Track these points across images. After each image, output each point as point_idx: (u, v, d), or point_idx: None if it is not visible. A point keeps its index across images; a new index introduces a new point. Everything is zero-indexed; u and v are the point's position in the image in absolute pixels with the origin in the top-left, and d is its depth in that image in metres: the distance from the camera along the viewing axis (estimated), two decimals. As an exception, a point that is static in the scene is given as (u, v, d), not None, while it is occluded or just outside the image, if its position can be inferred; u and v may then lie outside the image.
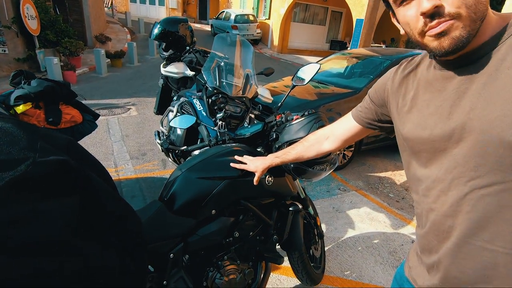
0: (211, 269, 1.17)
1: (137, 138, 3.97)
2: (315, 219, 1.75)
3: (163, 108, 2.89)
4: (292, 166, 1.21)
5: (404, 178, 3.47)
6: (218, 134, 1.49)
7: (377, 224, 2.54)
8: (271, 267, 1.44)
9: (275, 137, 1.30)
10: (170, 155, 2.29)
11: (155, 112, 3.16)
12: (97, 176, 0.76)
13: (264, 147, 1.46)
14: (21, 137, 0.66)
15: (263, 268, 1.40)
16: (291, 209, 1.39)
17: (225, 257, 1.20)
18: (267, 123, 1.41)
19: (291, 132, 1.21)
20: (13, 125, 0.67)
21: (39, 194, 0.63)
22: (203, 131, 1.85)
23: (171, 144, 2.17)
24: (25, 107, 1.80)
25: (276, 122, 1.35)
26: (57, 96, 2.05)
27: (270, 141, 1.34)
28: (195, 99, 2.03)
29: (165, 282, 1.06)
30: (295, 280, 1.85)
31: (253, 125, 1.45)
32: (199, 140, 2.00)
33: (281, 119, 1.33)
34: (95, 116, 2.21)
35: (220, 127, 1.57)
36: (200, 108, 1.95)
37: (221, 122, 1.58)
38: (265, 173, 1.27)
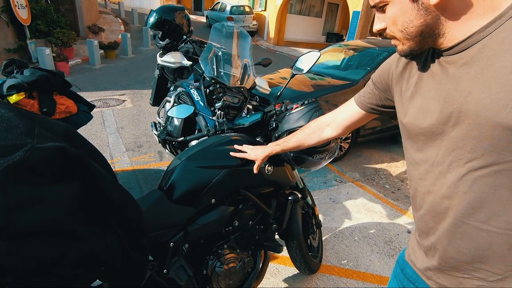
0: (211, 257, 1.17)
1: (132, 130, 3.93)
2: (313, 209, 1.76)
3: (160, 99, 2.86)
4: (292, 155, 1.21)
5: (400, 170, 3.51)
6: (217, 123, 1.48)
7: (373, 215, 2.57)
8: (270, 256, 1.45)
9: (274, 126, 1.30)
10: (167, 146, 2.28)
11: (151, 103, 3.12)
12: (97, 164, 0.75)
13: (263, 137, 1.45)
14: (18, 123, 0.64)
15: (262, 257, 1.41)
16: (290, 198, 1.39)
17: (225, 245, 1.21)
18: (266, 113, 1.40)
19: (291, 121, 1.21)
20: (9, 111, 0.65)
21: (38, 180, 0.62)
22: (201, 121, 1.84)
23: (168, 135, 2.16)
24: (18, 97, 1.77)
25: (276, 111, 1.34)
26: (51, 85, 2.01)
27: (270, 130, 1.33)
28: (192, 89, 2.01)
29: (165, 271, 1.06)
30: (293, 269, 1.87)
31: (252, 115, 1.44)
32: (196, 131, 1.99)
33: (281, 108, 1.32)
34: (90, 106, 2.18)
35: (218, 116, 1.56)
36: (197, 98, 1.93)
37: (219, 111, 1.57)
38: (265, 162, 1.26)
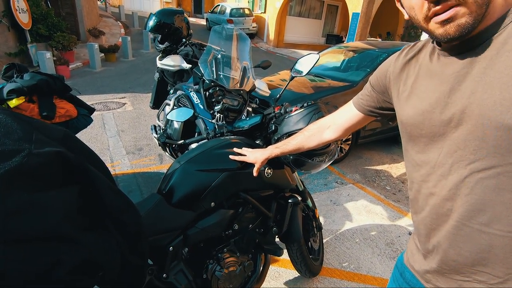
0: (210, 261, 1.16)
1: (133, 133, 3.93)
2: (313, 211, 1.75)
3: (159, 102, 2.86)
4: (292, 158, 1.20)
5: (401, 171, 3.50)
6: (216, 126, 1.48)
7: (374, 216, 2.55)
8: (270, 259, 1.44)
9: (274, 128, 1.29)
10: (167, 149, 2.28)
11: (151, 106, 3.13)
12: (95, 168, 0.75)
13: (263, 139, 1.45)
14: (15, 128, 0.64)
15: (263, 260, 1.41)
16: (290, 201, 1.39)
17: (225, 249, 1.20)
18: (266, 115, 1.40)
19: (291, 124, 1.20)
20: (7, 116, 0.65)
21: (35, 185, 0.62)
22: (200, 124, 1.84)
23: (168, 138, 2.16)
24: (18, 101, 1.77)
25: (275, 114, 1.34)
26: (51, 89, 2.01)
27: (269, 133, 1.33)
28: (192, 92, 2.01)
29: (164, 275, 1.05)
30: (294, 272, 1.86)
31: (251, 118, 1.44)
32: (196, 134, 1.98)
33: (280, 111, 1.32)
34: (90, 110, 2.18)
35: (218, 119, 1.56)
36: (197, 101, 1.93)
37: (219, 114, 1.57)
38: (264, 164, 1.26)
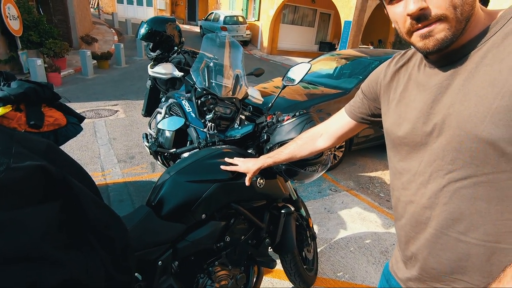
0: (201, 275, 1.13)
1: (125, 141, 3.88)
2: (307, 220, 1.73)
3: (151, 110, 2.83)
4: (284, 167, 1.19)
5: (394, 178, 3.51)
6: (208, 136, 1.46)
7: (368, 224, 2.54)
8: (263, 271, 1.41)
9: (266, 138, 1.28)
10: (158, 158, 2.24)
11: (143, 114, 3.09)
12: (79, 182, 0.72)
13: (255, 148, 1.43)
14: (-6, 140, 0.61)
15: (256, 273, 1.37)
16: (283, 211, 1.36)
17: (216, 262, 1.17)
18: (258, 124, 1.39)
19: (283, 133, 1.19)
20: (-16, 130, 0.62)
21: (13, 201, 0.59)
22: (192, 133, 1.81)
23: (160, 147, 2.12)
24: (4, 109, 1.73)
25: (267, 123, 1.33)
26: (39, 98, 1.97)
27: (261, 142, 1.31)
28: (184, 100, 1.99)
29: (153, 291, 1.02)
30: (288, 283, 1.83)
31: (243, 127, 1.43)
32: (188, 142, 1.96)
33: (272, 120, 1.31)
34: (80, 118, 2.14)
35: (209, 128, 1.54)
36: (189, 109, 1.91)
37: (210, 123, 1.55)
38: (256, 174, 1.24)
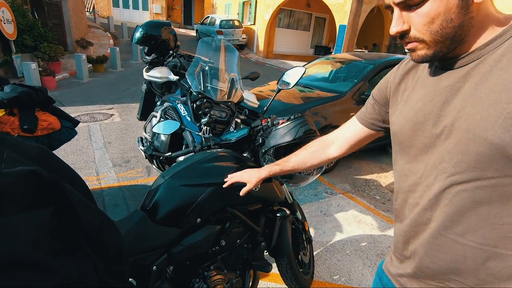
0: (196, 280, 1.12)
1: (120, 145, 3.85)
2: (303, 224, 1.73)
3: (147, 113, 2.82)
4: (279, 171, 1.19)
5: (389, 180, 3.52)
6: (203, 139, 1.45)
7: (364, 227, 2.55)
8: (259, 275, 1.41)
9: (261, 141, 1.28)
10: (154, 162, 2.23)
11: (139, 118, 3.08)
12: (72, 187, 0.71)
13: (250, 152, 1.43)
14: (-17, 147, 0.61)
15: (251, 277, 1.37)
16: (278, 215, 1.36)
17: (212, 266, 1.16)
18: (253, 128, 1.39)
19: (277, 137, 1.19)
20: (-26, 135, 0.62)
21: (4, 207, 0.58)
22: (187, 136, 1.81)
23: (155, 151, 2.11)
24: (-3, 114, 1.71)
25: (262, 126, 1.33)
26: (33, 102, 1.95)
27: (256, 145, 1.32)
28: (179, 104, 1.98)
29: (148, 296, 1.01)
30: (285, 287, 1.82)
31: (239, 130, 1.43)
32: (184, 146, 1.95)
33: (267, 124, 1.31)
34: (74, 122, 2.13)
35: (205, 132, 1.54)
36: (184, 113, 1.91)
37: (206, 127, 1.55)
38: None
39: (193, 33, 17.37)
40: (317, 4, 12.98)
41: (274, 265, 1.99)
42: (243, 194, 1.03)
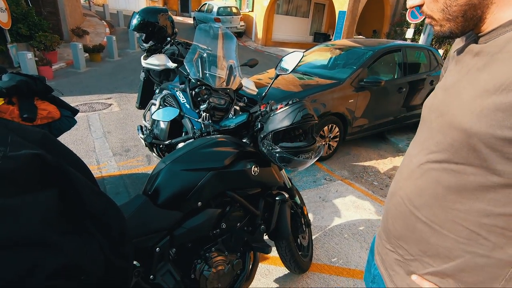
0: (198, 261, 1.16)
1: (119, 134, 3.86)
2: (302, 208, 1.77)
3: (146, 102, 2.82)
4: (278, 155, 1.21)
5: (388, 166, 3.56)
6: (203, 126, 1.46)
7: (362, 212, 2.59)
8: (259, 257, 1.45)
9: (260, 127, 1.29)
10: (154, 150, 2.25)
11: (137, 107, 3.08)
12: (76, 171, 0.73)
13: (249, 138, 1.44)
14: (-12, 132, 0.62)
15: (252, 259, 1.41)
16: (277, 198, 1.39)
17: (213, 248, 1.20)
18: (252, 114, 1.40)
19: (276, 121, 1.21)
20: (-21, 120, 0.63)
21: (11, 190, 0.60)
22: (187, 124, 1.82)
23: (155, 139, 2.13)
24: (-4, 103, 1.72)
25: (261, 112, 1.34)
26: (31, 91, 1.95)
27: (255, 131, 1.33)
28: (178, 91, 1.99)
29: (151, 276, 1.04)
30: (284, 269, 1.87)
31: (237, 116, 1.44)
32: (183, 133, 1.97)
33: (266, 109, 1.32)
34: (74, 111, 2.13)
35: (204, 118, 1.55)
36: (183, 100, 1.91)
37: (205, 113, 1.55)
38: (251, 162, 1.26)
39: (190, 20, 17.09)
40: (316, -10, 12.73)
41: (274, 248, 2.05)
42: None
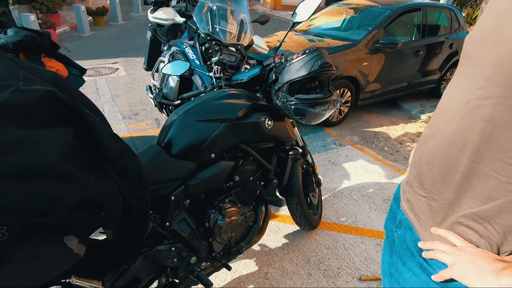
0: (212, 211, 1.17)
1: (127, 98, 3.84)
2: (313, 167, 1.76)
3: (153, 63, 2.75)
4: (293, 107, 1.17)
5: (399, 132, 3.50)
6: (214, 79, 1.42)
7: (372, 175, 2.59)
8: (271, 211, 1.47)
9: (274, 78, 1.24)
10: (163, 110, 2.23)
11: (145, 68, 3.02)
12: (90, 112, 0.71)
13: (262, 92, 1.40)
14: (0, 66, 0.60)
15: (263, 213, 1.43)
16: (291, 153, 1.38)
17: (226, 200, 1.21)
18: (265, 66, 1.35)
19: (292, 71, 1.15)
20: (-12, 54, 0.61)
21: (27, 122, 0.59)
22: (197, 80, 1.77)
23: (164, 98, 2.10)
24: (4, 57, 1.68)
25: (275, 63, 1.28)
26: (38, 47, 1.91)
27: (269, 83, 1.28)
28: (187, 47, 1.91)
29: (167, 224, 1.07)
30: (293, 227, 1.92)
31: (250, 69, 1.38)
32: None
33: (280, 60, 1.26)
34: (82, 70, 2.09)
35: (215, 72, 1.50)
36: (193, 56, 1.85)
37: (216, 66, 1.50)
38: (264, 115, 1.23)
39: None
40: None
41: (284, 207, 2.08)
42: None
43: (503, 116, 0.50)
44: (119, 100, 3.76)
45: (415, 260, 0.64)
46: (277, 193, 1.52)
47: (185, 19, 2.20)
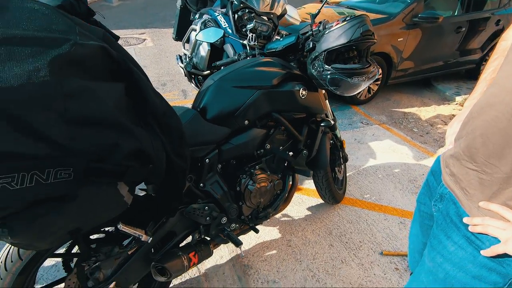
0: (243, 176, 1.21)
1: (155, 69, 3.90)
2: (341, 142, 1.75)
3: (183, 32, 2.75)
4: (329, 76, 1.15)
5: (430, 114, 3.35)
6: (248, 47, 1.41)
7: (399, 156, 2.54)
8: (297, 182, 1.50)
9: (311, 46, 1.22)
10: (192, 80, 2.25)
11: (174, 38, 3.01)
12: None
13: (296, 62, 1.38)
14: (58, 20, 0.63)
15: (290, 183, 1.46)
16: (322, 124, 1.37)
17: (257, 166, 1.24)
18: (301, 35, 1.31)
19: (330, 39, 1.12)
20: (49, 9, 0.64)
21: (85, 74, 0.62)
22: (229, 49, 1.76)
23: (194, 68, 2.12)
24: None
25: (312, 32, 1.25)
26: (75, 12, 1.96)
27: (306, 51, 1.26)
28: (219, 15, 1.89)
29: (201, 184, 1.12)
30: (317, 200, 1.94)
31: (285, 38, 1.36)
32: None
33: (318, 28, 1.23)
34: (115, 37, 2.13)
35: (250, 39, 1.48)
36: (225, 25, 1.83)
37: (251, 34, 1.48)
38: (299, 85, 1.22)
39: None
40: None
41: (307, 181, 2.10)
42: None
43: None
44: (147, 70, 3.83)
45: (460, 233, 0.63)
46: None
47: (217, -14, 2.16)
